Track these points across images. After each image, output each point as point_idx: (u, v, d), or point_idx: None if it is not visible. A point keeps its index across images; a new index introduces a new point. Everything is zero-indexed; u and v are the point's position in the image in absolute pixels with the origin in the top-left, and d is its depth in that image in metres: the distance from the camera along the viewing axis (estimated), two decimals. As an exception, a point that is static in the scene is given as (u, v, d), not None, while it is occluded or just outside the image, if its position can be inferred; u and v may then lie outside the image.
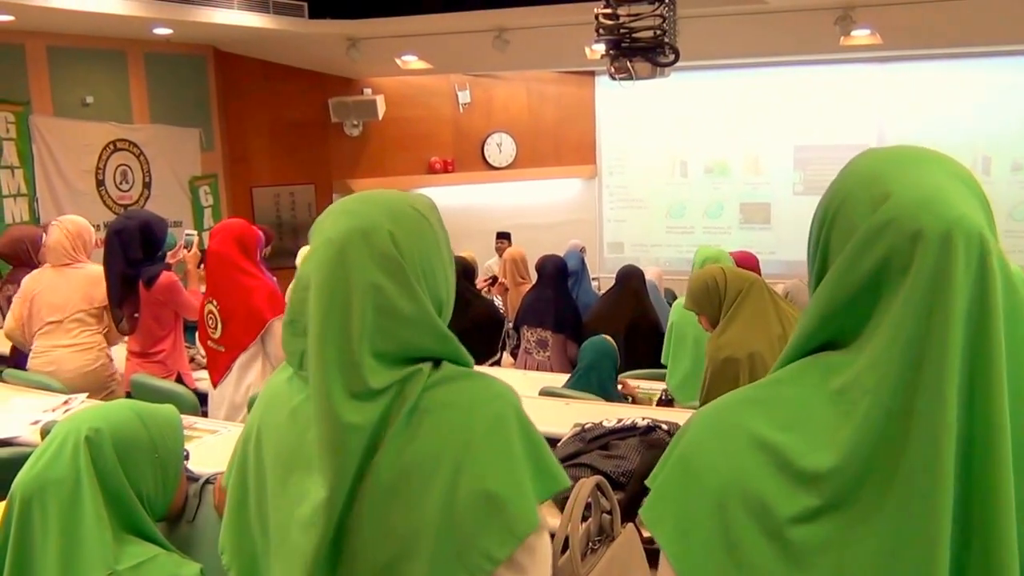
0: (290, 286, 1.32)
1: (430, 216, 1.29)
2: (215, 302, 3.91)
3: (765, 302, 3.29)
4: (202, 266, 4.51)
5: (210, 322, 3.95)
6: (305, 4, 7.64)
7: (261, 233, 4.14)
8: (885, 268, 0.87)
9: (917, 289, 0.84)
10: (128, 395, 4.21)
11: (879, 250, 0.87)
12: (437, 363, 1.24)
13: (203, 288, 4.54)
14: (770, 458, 0.90)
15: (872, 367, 0.86)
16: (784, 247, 9.67)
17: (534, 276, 6.39)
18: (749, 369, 3.09)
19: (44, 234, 5.08)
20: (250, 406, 3.86)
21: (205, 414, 4.10)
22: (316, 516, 1.17)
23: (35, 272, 4.49)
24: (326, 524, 1.16)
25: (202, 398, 4.46)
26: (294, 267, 5.97)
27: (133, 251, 4.23)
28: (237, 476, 1.34)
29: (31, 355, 4.42)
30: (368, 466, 1.18)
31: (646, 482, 1.02)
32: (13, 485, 1.72)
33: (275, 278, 4.27)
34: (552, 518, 2.25)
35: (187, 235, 4.79)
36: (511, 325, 5.92)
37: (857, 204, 0.91)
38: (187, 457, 1.95)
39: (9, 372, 4.52)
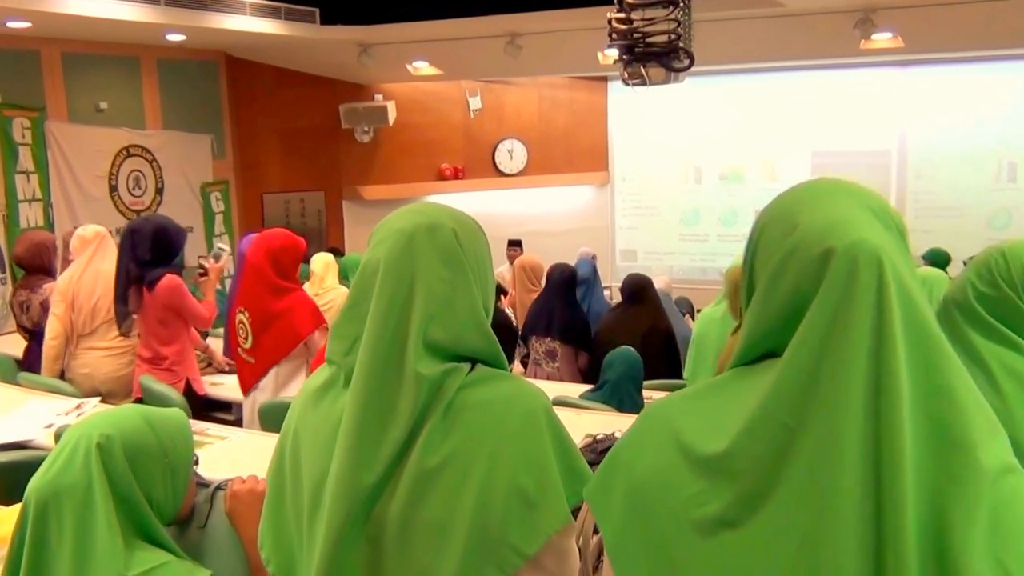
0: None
1: (483, 232, 1.40)
2: (246, 312, 3.88)
3: None
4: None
5: (240, 332, 3.93)
6: (317, 10, 7.66)
7: (304, 245, 4.05)
8: (797, 291, 0.93)
9: (822, 307, 0.90)
10: (140, 400, 4.20)
11: (791, 275, 0.94)
12: (472, 366, 1.30)
13: (217, 298, 4.55)
14: (682, 451, 0.97)
15: (775, 382, 0.91)
16: (799, 254, 9.58)
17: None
18: None
19: (58, 241, 5.11)
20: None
21: (210, 418, 4.09)
22: (343, 494, 1.23)
23: (71, 272, 4.49)
24: (352, 502, 1.22)
25: (214, 404, 4.47)
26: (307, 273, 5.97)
27: (142, 251, 4.21)
28: (275, 472, 1.40)
29: (70, 356, 4.49)
30: (404, 457, 1.23)
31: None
32: (27, 490, 1.72)
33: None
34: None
35: (218, 248, 4.76)
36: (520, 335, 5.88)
37: (772, 236, 1.00)
38: (196, 462, 1.94)
39: (23, 376, 4.53)
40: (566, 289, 5.52)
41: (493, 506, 1.20)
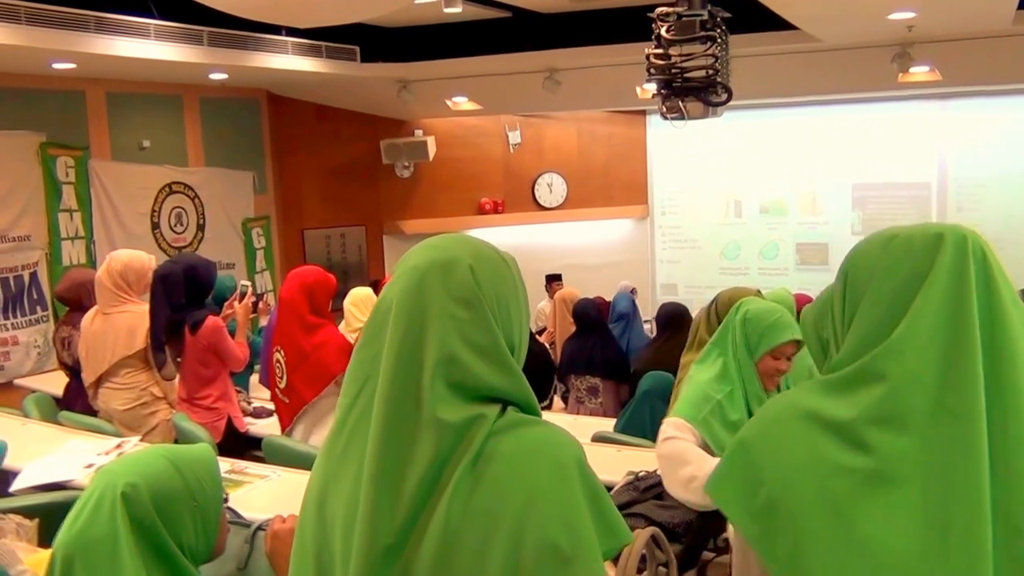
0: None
1: (512, 264, 1.32)
2: (282, 351, 3.86)
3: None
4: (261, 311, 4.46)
5: (277, 371, 3.91)
6: (357, 48, 7.74)
7: (335, 282, 3.99)
8: (908, 279, 1.18)
9: (938, 287, 1.16)
10: (176, 440, 4.19)
11: (904, 266, 1.18)
12: (503, 409, 1.23)
13: (251, 337, 4.53)
14: (821, 425, 1.17)
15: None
16: (842, 288, 9.47)
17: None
18: None
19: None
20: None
21: (251, 457, 4.07)
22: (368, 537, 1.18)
23: (87, 315, 4.52)
24: (372, 565, 1.17)
25: (253, 442, 4.45)
26: (342, 309, 5.96)
27: (177, 296, 4.21)
28: (300, 523, 1.35)
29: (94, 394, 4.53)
30: (430, 508, 1.17)
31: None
32: (55, 543, 1.70)
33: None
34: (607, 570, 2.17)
35: (242, 285, 4.75)
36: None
37: (868, 256, 1.24)
38: (227, 499, 1.89)
39: (64, 414, 4.55)
40: (601, 324, 5.48)
41: (524, 563, 1.14)
